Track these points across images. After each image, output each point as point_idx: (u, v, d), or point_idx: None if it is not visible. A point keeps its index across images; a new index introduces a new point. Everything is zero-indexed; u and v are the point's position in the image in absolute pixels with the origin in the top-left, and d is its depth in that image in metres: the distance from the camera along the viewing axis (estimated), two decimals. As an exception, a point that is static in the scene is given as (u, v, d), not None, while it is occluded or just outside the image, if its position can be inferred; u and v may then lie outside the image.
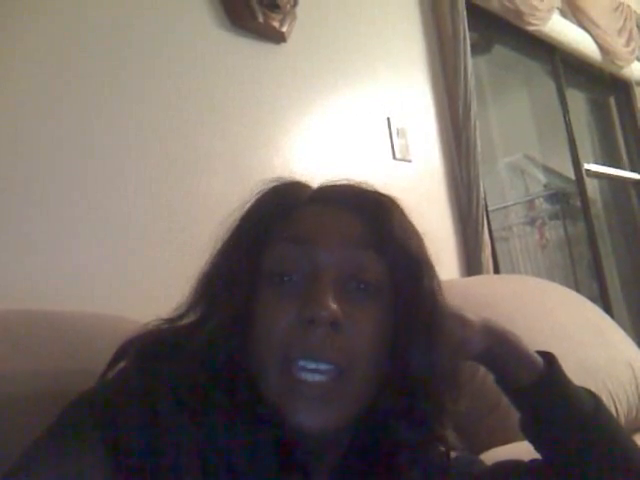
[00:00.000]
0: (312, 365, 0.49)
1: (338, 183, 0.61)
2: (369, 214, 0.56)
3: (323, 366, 0.49)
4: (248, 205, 0.58)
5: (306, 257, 0.53)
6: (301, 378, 0.49)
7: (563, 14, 2.64)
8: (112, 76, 1.09)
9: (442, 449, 0.58)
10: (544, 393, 0.60)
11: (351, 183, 0.60)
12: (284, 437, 0.50)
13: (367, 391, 0.52)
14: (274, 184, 0.59)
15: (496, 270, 1.95)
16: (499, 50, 2.61)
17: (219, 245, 0.57)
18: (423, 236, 0.58)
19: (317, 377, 0.49)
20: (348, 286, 0.53)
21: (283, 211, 0.57)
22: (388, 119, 1.69)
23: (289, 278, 0.53)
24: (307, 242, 0.54)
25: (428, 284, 0.55)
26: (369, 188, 0.59)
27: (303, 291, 0.51)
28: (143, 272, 1.06)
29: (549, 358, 0.63)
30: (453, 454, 0.60)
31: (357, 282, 0.53)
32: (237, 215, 0.58)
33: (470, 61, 1.91)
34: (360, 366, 0.51)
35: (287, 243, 0.54)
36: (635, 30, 3.07)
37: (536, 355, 0.63)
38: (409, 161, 1.73)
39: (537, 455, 0.63)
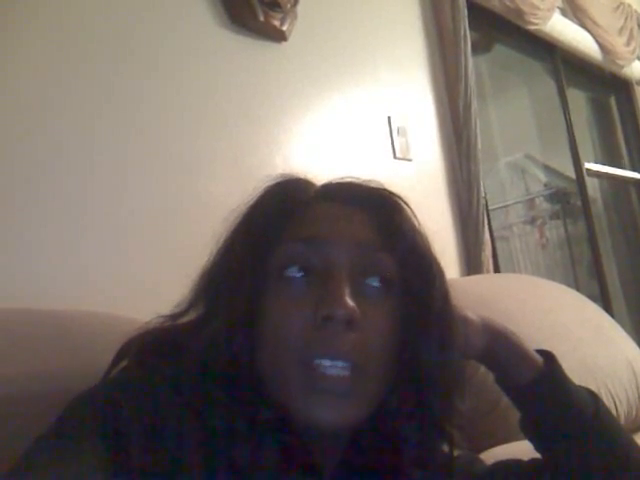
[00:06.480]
0: (328, 363, 0.49)
1: (344, 181, 0.60)
2: (378, 212, 0.56)
3: (340, 364, 0.49)
4: (252, 202, 0.58)
5: (318, 255, 0.52)
6: (323, 374, 0.49)
7: (564, 13, 2.64)
8: (112, 76, 1.09)
9: (446, 450, 0.58)
10: (544, 390, 0.60)
11: (358, 181, 0.60)
12: (288, 435, 0.49)
13: (380, 389, 0.52)
14: (278, 180, 0.59)
15: (496, 269, 1.95)
16: (500, 49, 2.61)
17: (222, 242, 0.57)
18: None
19: (338, 372, 0.49)
20: (361, 282, 0.53)
21: (291, 208, 0.56)
22: (389, 118, 1.69)
23: (301, 276, 0.52)
24: (319, 240, 0.53)
25: (439, 282, 0.55)
26: (376, 186, 0.59)
27: (318, 288, 0.51)
28: (144, 271, 1.06)
29: (548, 356, 0.63)
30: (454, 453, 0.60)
31: (370, 278, 0.53)
32: (241, 212, 0.57)
33: (471, 60, 1.90)
34: (374, 362, 0.51)
35: (298, 242, 0.54)
36: (636, 29, 3.07)
37: (535, 353, 0.63)
38: (409, 160, 1.73)
39: (537, 454, 0.63)
